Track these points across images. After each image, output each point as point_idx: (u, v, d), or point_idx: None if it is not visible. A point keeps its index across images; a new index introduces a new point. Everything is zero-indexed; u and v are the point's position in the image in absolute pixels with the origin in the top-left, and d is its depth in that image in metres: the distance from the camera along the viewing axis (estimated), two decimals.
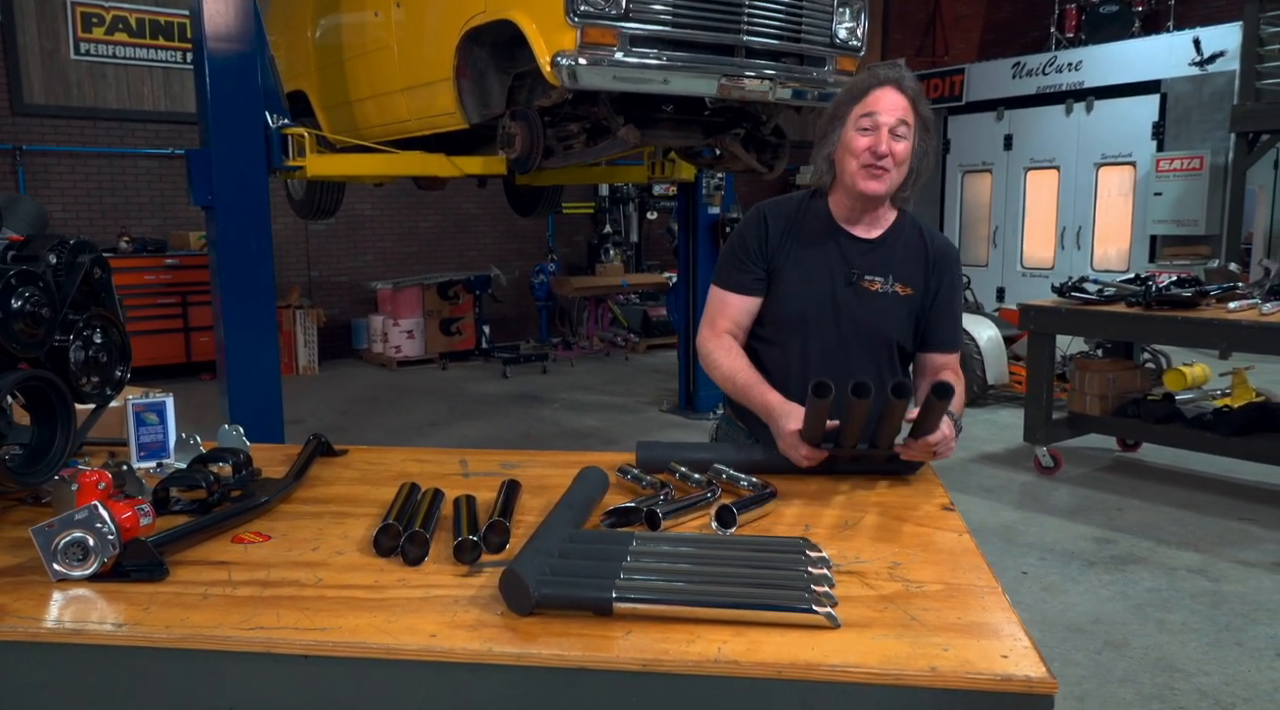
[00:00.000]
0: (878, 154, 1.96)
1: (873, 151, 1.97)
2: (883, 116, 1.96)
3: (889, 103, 1.97)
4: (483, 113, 4.78)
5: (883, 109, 1.97)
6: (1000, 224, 11.94)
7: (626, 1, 4.03)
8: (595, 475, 1.78)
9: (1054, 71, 11.18)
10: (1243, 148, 8.91)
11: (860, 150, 1.98)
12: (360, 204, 9.93)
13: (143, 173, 8.89)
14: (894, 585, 1.38)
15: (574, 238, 11.64)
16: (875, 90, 1.99)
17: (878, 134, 1.96)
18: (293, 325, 9.06)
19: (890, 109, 1.96)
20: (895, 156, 1.98)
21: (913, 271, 2.08)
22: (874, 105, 1.97)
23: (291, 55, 6.19)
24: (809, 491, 1.83)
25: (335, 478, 1.98)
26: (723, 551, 1.43)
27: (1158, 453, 5.69)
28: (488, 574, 1.43)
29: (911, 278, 2.08)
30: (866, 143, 1.97)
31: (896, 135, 1.97)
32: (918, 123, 2.00)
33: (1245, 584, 3.89)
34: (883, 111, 1.96)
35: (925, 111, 2.01)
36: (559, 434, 6.74)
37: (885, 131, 1.96)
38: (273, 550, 1.54)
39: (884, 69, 2.03)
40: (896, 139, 1.97)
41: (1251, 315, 4.53)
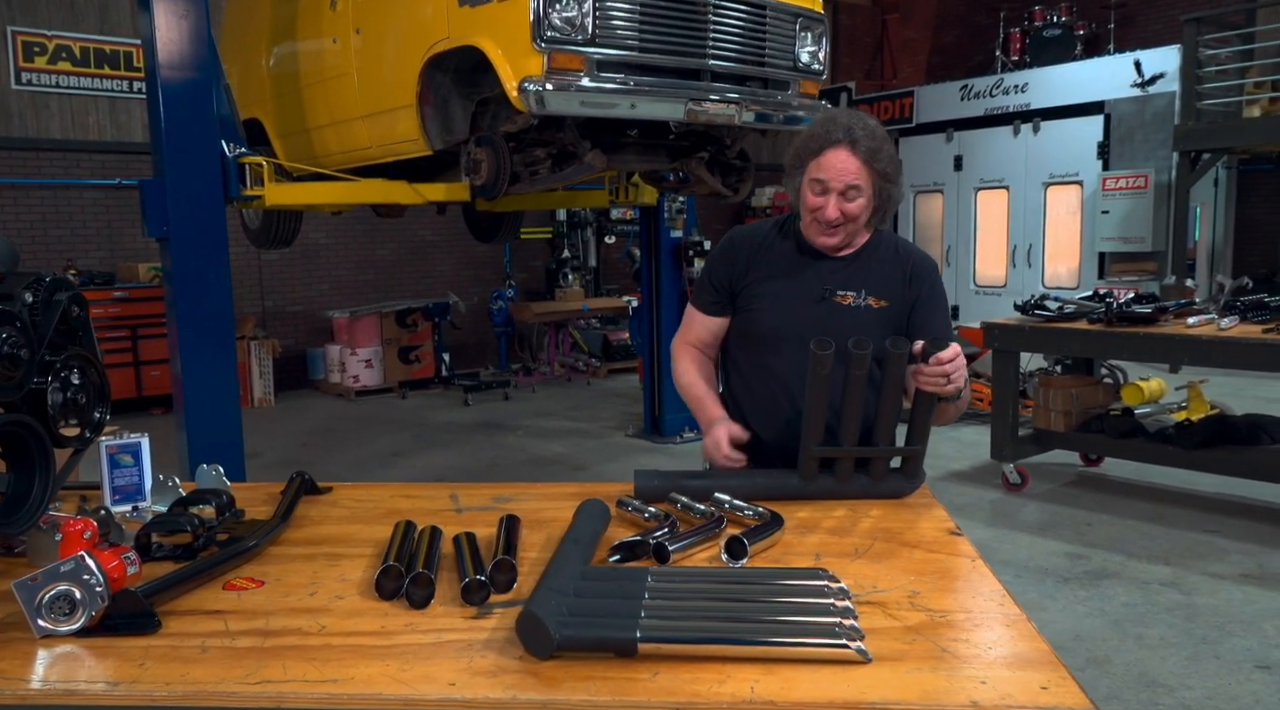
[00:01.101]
0: (826, 220, 2.02)
1: (821, 216, 2.02)
2: (833, 182, 2.01)
3: (839, 168, 2.00)
4: (446, 139, 4.73)
5: (832, 176, 2.00)
6: (953, 243, 12.14)
7: (593, 26, 4.02)
8: (597, 508, 1.74)
9: (1001, 93, 11.43)
10: (1185, 166, 9.16)
11: (812, 209, 2.04)
12: (315, 232, 9.78)
13: (89, 204, 8.67)
14: (918, 615, 1.36)
15: (532, 263, 11.58)
16: (828, 152, 2.01)
17: (827, 198, 2.01)
18: (247, 356, 8.87)
19: (840, 175, 2.00)
20: (846, 214, 2.02)
21: (887, 285, 2.10)
22: (825, 171, 2.01)
23: (245, 83, 6.08)
24: (813, 519, 1.81)
25: (323, 517, 1.91)
26: (742, 585, 1.39)
27: (1120, 466, 5.78)
28: (499, 615, 1.38)
29: (886, 290, 2.09)
30: (816, 204, 2.03)
31: (847, 197, 2.01)
32: (874, 179, 2.02)
33: (1217, 596, 3.94)
34: (832, 178, 2.00)
35: (881, 166, 2.02)
36: (526, 461, 6.65)
37: (834, 196, 2.01)
38: (268, 596, 1.47)
39: (840, 122, 2.02)
40: (847, 200, 2.01)
41: (1210, 330, 4.62)
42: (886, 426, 1.89)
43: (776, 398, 2.11)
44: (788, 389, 2.08)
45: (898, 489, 1.93)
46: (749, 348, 2.16)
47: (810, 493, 1.92)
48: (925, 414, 1.91)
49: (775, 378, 2.10)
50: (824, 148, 2.01)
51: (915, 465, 1.94)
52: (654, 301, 7.24)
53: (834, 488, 1.91)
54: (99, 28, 8.57)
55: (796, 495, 1.91)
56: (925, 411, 1.90)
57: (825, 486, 1.91)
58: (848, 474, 1.91)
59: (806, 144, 2.05)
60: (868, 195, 2.02)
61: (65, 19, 8.44)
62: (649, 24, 4.19)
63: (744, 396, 2.19)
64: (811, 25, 4.82)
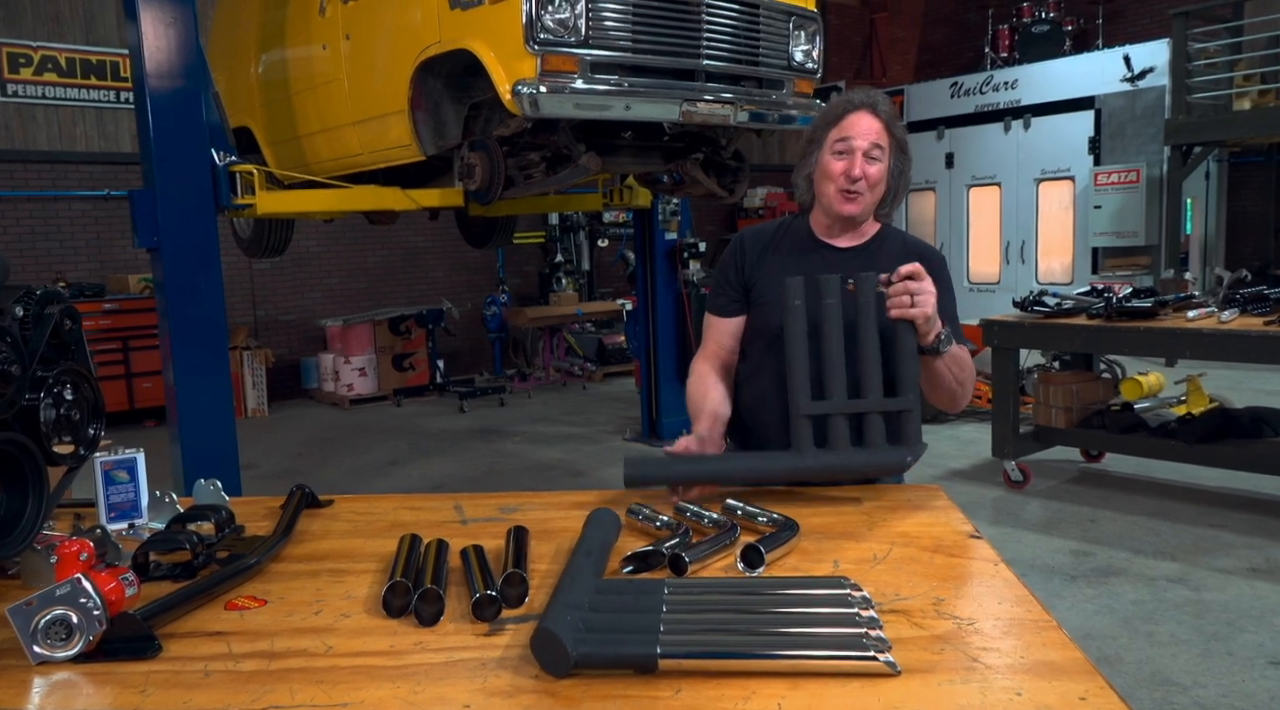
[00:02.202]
0: (852, 177, 2.03)
1: (847, 175, 2.03)
2: (857, 140, 2.03)
3: (863, 127, 2.03)
4: (439, 144, 4.68)
5: (857, 133, 2.03)
6: (946, 241, 12.12)
7: (586, 28, 3.98)
8: (607, 517, 1.69)
9: (991, 90, 11.44)
10: (1177, 160, 9.18)
11: (836, 174, 2.04)
12: (306, 241, 9.72)
13: (77, 215, 8.59)
14: (944, 624, 1.31)
15: (525, 268, 11.53)
16: (850, 114, 2.05)
17: (852, 158, 2.03)
18: (240, 367, 8.80)
19: (864, 133, 2.03)
20: (869, 179, 2.03)
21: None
22: (849, 129, 2.04)
23: (234, 91, 6.02)
24: (828, 524, 1.77)
25: (325, 531, 1.86)
26: (762, 596, 1.35)
27: (1121, 462, 5.75)
28: (511, 631, 1.33)
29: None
30: (842, 167, 2.04)
31: (870, 158, 2.03)
32: (892, 144, 2.07)
33: (1226, 592, 3.91)
34: (857, 135, 2.03)
35: (900, 133, 2.08)
36: (524, 468, 6.60)
37: (859, 155, 2.03)
38: (272, 616, 1.42)
39: (858, 94, 2.09)
40: (870, 162, 2.03)
41: (1211, 324, 4.60)
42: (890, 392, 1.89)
43: (784, 389, 2.07)
44: (777, 400, 2.05)
45: (897, 460, 1.91)
46: (758, 341, 2.16)
47: (804, 468, 1.90)
48: (909, 362, 1.89)
49: (772, 386, 2.07)
50: (846, 112, 2.05)
51: (910, 429, 1.89)
52: (649, 304, 7.20)
53: (830, 461, 1.88)
54: (85, 38, 8.51)
55: (790, 474, 1.92)
56: (909, 358, 1.89)
57: (821, 462, 1.88)
58: (842, 441, 1.87)
59: (825, 115, 2.10)
60: (885, 165, 2.05)
61: (50, 30, 8.37)
62: (642, 24, 4.16)
63: (751, 392, 2.17)
64: (805, 24, 4.79)
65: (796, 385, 1.89)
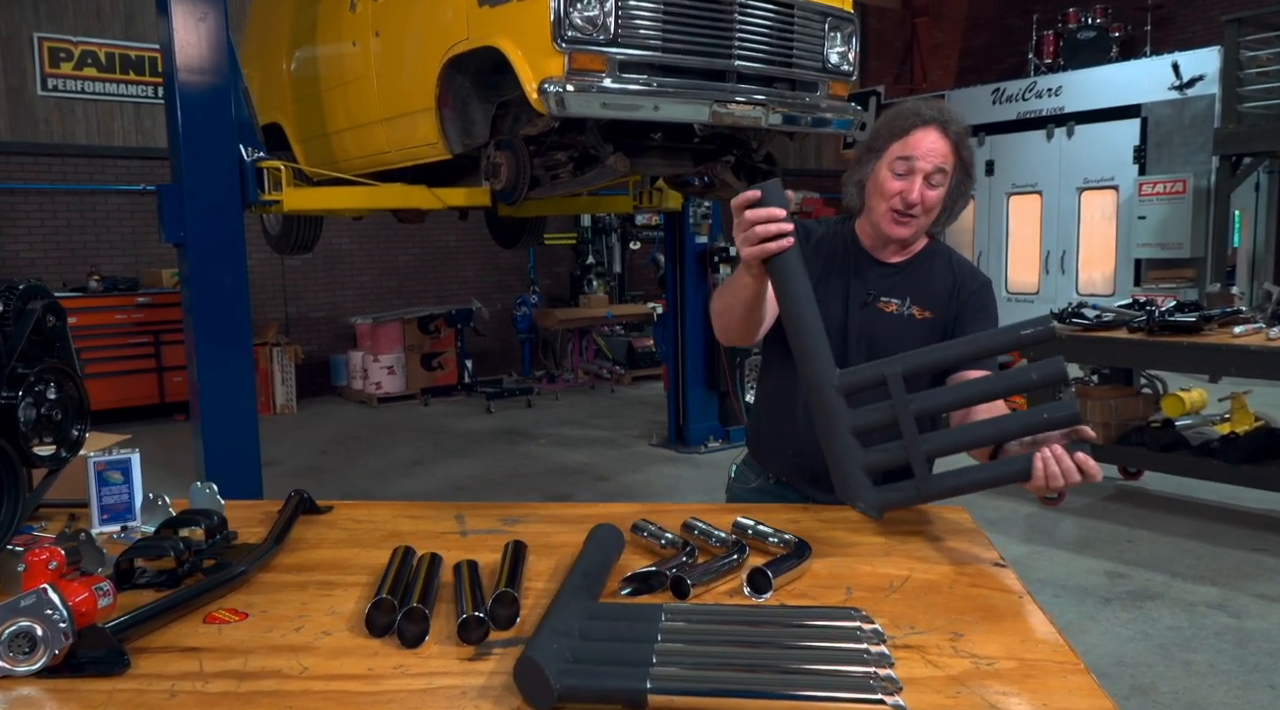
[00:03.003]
0: (908, 202, 1.86)
1: (904, 198, 1.87)
2: (920, 162, 1.85)
3: (929, 147, 1.85)
4: (466, 143, 4.64)
5: (921, 154, 1.85)
6: (984, 249, 11.92)
7: (615, 26, 3.91)
8: (609, 534, 1.61)
9: (1034, 97, 11.22)
10: (1226, 171, 8.92)
11: (891, 194, 1.88)
12: (338, 238, 9.75)
13: (113, 210, 8.68)
14: (961, 662, 1.22)
15: (556, 269, 11.50)
16: (917, 131, 1.86)
17: (912, 180, 1.86)
18: (269, 363, 8.84)
19: (929, 154, 1.85)
20: (925, 204, 1.88)
21: (934, 296, 1.97)
22: (914, 148, 1.86)
23: (266, 87, 6.04)
24: (843, 546, 1.67)
25: (320, 539, 1.79)
26: (766, 626, 1.26)
27: (1160, 481, 5.57)
28: (498, 657, 1.25)
29: (932, 302, 1.97)
30: (899, 187, 1.87)
31: (931, 183, 1.86)
32: (958, 166, 1.89)
33: (1269, 620, 3.75)
34: (921, 156, 1.85)
35: (967, 155, 1.90)
36: (548, 471, 6.54)
37: (920, 178, 1.86)
38: (251, 631, 1.36)
39: (930, 107, 1.89)
40: (931, 187, 1.87)
41: (1259, 340, 4.43)
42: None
43: (788, 410, 2.00)
44: (796, 411, 1.97)
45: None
46: (774, 349, 2.04)
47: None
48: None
49: (790, 387, 1.98)
50: (913, 127, 1.86)
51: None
52: (678, 308, 7.11)
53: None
54: (124, 33, 8.59)
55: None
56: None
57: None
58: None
59: (890, 125, 1.90)
60: (946, 187, 1.89)
61: (90, 25, 8.46)
62: (673, 23, 4.08)
63: (772, 403, 2.07)
64: (841, 25, 4.68)
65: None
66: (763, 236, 1.59)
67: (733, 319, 1.85)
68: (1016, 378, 1.60)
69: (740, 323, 1.84)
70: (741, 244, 1.62)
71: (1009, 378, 1.62)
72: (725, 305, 1.85)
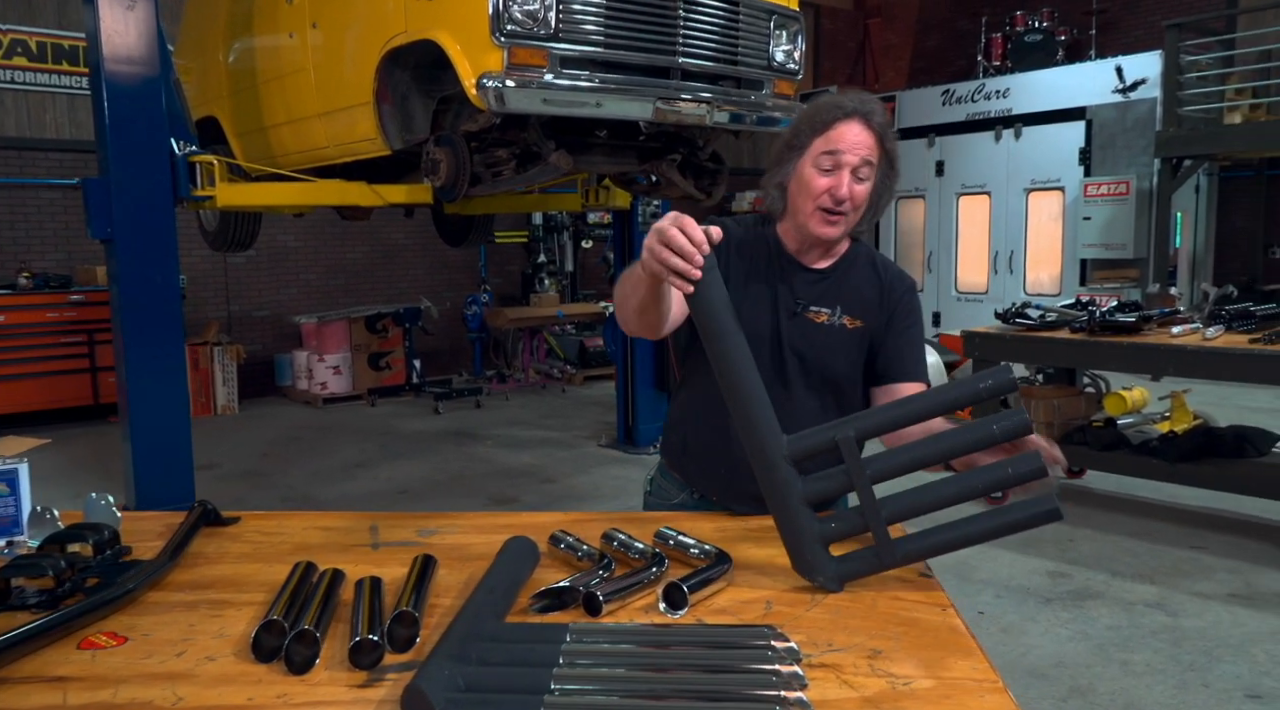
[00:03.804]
0: (837, 199, 1.78)
1: (832, 195, 1.78)
2: (847, 155, 1.77)
3: (854, 139, 1.77)
4: (406, 138, 4.53)
5: (847, 147, 1.77)
6: (935, 249, 12.02)
7: (556, 21, 3.83)
8: (523, 547, 1.54)
9: (982, 99, 11.32)
10: (1167, 173, 9.07)
11: (819, 192, 1.79)
12: (283, 235, 9.55)
13: (45, 204, 8.39)
14: (877, 682, 1.17)
15: (507, 268, 11.37)
16: (840, 123, 1.78)
17: (839, 175, 1.78)
18: (210, 363, 8.62)
19: (855, 147, 1.77)
20: (854, 200, 1.80)
21: (863, 303, 1.90)
22: (838, 142, 1.77)
23: (204, 80, 5.87)
24: (767, 555, 1.61)
25: (221, 554, 1.70)
26: (673, 648, 1.20)
27: (1103, 479, 5.63)
28: (392, 682, 1.18)
29: (861, 310, 1.90)
30: (826, 184, 1.78)
31: (859, 177, 1.79)
32: (883, 159, 1.82)
33: (1204, 618, 3.78)
34: (847, 149, 1.77)
35: (892, 146, 1.82)
36: (493, 473, 6.44)
37: (847, 172, 1.78)
38: (127, 657, 1.26)
39: (850, 98, 1.81)
40: (858, 181, 1.79)
41: (1195, 340, 4.48)
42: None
43: (716, 423, 1.87)
44: (725, 420, 1.86)
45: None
46: (697, 358, 1.88)
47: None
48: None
49: (719, 399, 1.85)
50: (836, 119, 1.77)
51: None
52: None
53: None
54: (57, 22, 8.31)
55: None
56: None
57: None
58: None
59: (811, 119, 1.80)
60: (872, 182, 1.81)
61: (21, 13, 8.18)
62: (616, 19, 4.01)
63: (700, 417, 1.95)
64: (787, 23, 4.65)
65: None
66: (666, 264, 1.45)
67: (629, 312, 1.74)
68: (964, 388, 1.51)
69: (637, 316, 1.72)
70: (645, 252, 1.50)
71: (957, 388, 1.52)
72: (623, 295, 1.74)
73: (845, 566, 1.48)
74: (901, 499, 1.45)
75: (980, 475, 1.46)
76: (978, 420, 1.44)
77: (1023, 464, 1.42)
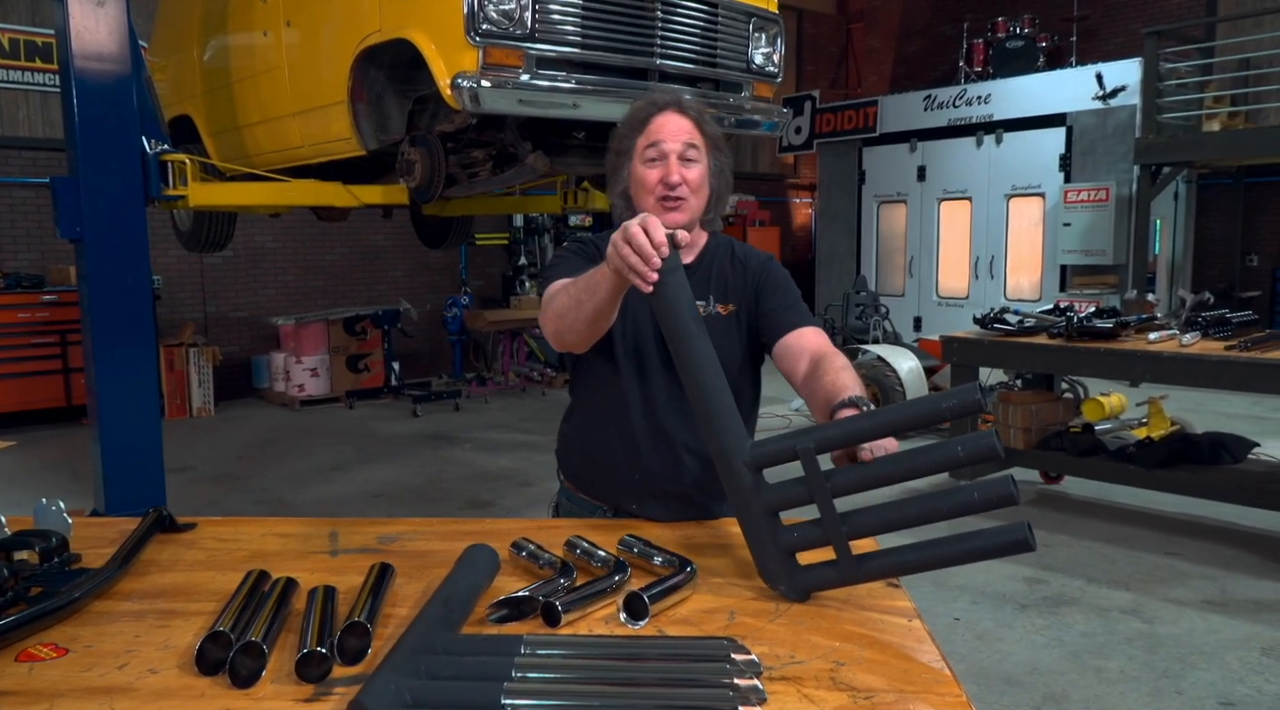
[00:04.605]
0: (670, 184, 1.80)
1: (665, 182, 1.80)
2: (668, 143, 1.80)
3: (672, 128, 1.81)
4: (381, 138, 4.49)
5: (667, 135, 1.80)
6: (916, 254, 12.04)
7: (532, 21, 3.80)
8: (482, 556, 1.51)
9: (964, 104, 11.36)
10: (1146, 180, 9.11)
11: (653, 183, 1.81)
12: (260, 236, 9.46)
13: (17, 203, 8.28)
14: (838, 696, 1.14)
15: (488, 270, 11.32)
16: (656, 117, 1.82)
17: (667, 163, 1.80)
18: (186, 364, 8.53)
19: (675, 134, 1.80)
20: (690, 183, 1.81)
21: (730, 287, 1.93)
22: (657, 133, 1.81)
23: (178, 78, 5.81)
24: (733, 564, 1.59)
25: (174, 561, 1.65)
26: (629, 662, 1.17)
27: (1080, 485, 5.63)
28: (339, 696, 1.14)
29: (730, 294, 1.93)
30: (657, 175, 1.81)
31: (686, 160, 1.81)
32: (706, 143, 1.84)
33: (1178, 625, 3.78)
34: (667, 138, 1.80)
35: (712, 130, 1.86)
36: (470, 476, 6.39)
37: (674, 159, 1.80)
38: (67, 670, 1.22)
39: (661, 93, 1.87)
40: (687, 165, 1.81)
41: (1172, 346, 4.49)
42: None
43: (641, 424, 1.88)
44: (654, 411, 1.87)
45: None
46: (605, 372, 1.90)
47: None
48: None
49: (638, 400, 1.88)
50: (650, 115, 1.83)
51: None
52: None
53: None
54: (30, 18, 8.21)
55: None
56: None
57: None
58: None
59: (629, 123, 1.85)
60: (704, 165, 1.83)
61: None
62: (593, 19, 3.98)
63: (602, 426, 1.94)
64: (766, 26, 4.64)
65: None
66: (626, 261, 1.44)
67: (578, 319, 1.67)
68: (928, 405, 1.43)
69: (588, 325, 1.67)
70: (610, 250, 1.48)
71: (920, 405, 1.44)
72: (572, 303, 1.68)
73: (809, 577, 1.45)
74: (867, 514, 1.42)
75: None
76: (944, 442, 1.40)
77: (991, 489, 1.38)
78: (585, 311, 1.65)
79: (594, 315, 1.65)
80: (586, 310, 1.65)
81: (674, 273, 1.48)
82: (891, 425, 1.45)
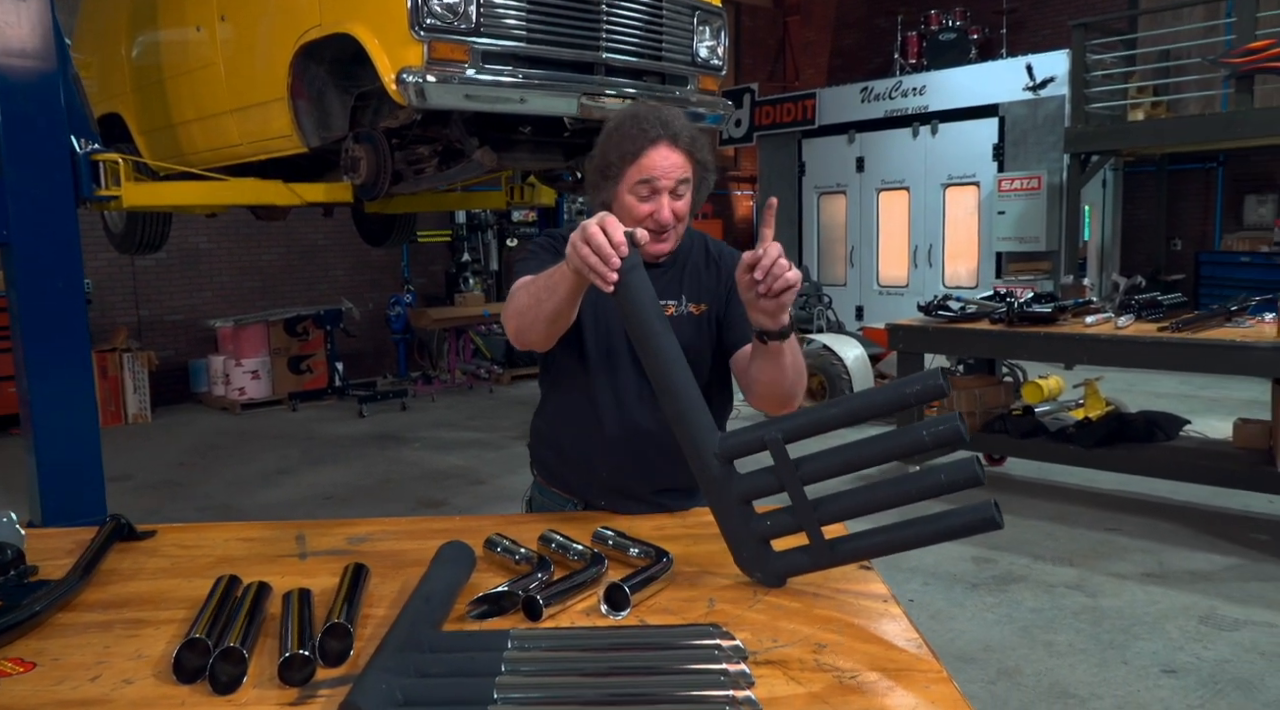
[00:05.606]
0: (661, 224, 1.79)
1: (655, 220, 1.78)
2: (661, 181, 1.77)
3: (667, 164, 1.76)
4: (323, 135, 4.41)
5: (660, 173, 1.76)
6: (856, 244, 12.22)
7: (477, 15, 3.77)
8: (458, 553, 1.50)
9: (900, 96, 11.55)
10: (1075, 168, 9.37)
11: (641, 218, 1.79)
12: (195, 236, 9.23)
13: None
14: (823, 677, 1.16)
15: (431, 267, 11.20)
16: (650, 150, 1.76)
17: (658, 201, 1.78)
18: (120, 370, 8.29)
19: (669, 172, 1.76)
20: (678, 215, 1.81)
21: (704, 287, 1.93)
22: (650, 169, 1.76)
23: (105, 75, 5.63)
24: (706, 552, 1.60)
25: (136, 570, 1.62)
26: (619, 651, 1.17)
27: (1022, 466, 5.78)
28: (324, 699, 1.13)
29: (703, 294, 1.92)
30: (647, 210, 1.78)
31: (677, 195, 1.80)
32: (696, 170, 1.82)
33: (1120, 597, 3.91)
34: (660, 176, 1.76)
35: (701, 156, 1.82)
36: (421, 476, 6.33)
37: (665, 197, 1.78)
38: (36, 684, 1.19)
39: (651, 120, 1.78)
40: (677, 198, 1.80)
41: (1108, 329, 4.63)
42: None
43: (612, 424, 1.87)
44: (624, 409, 1.86)
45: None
46: (576, 371, 1.90)
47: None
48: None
49: (610, 400, 1.87)
50: (643, 148, 1.76)
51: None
52: None
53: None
54: None
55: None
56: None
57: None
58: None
59: (620, 148, 1.78)
60: (690, 193, 1.83)
61: None
62: (538, 13, 3.97)
63: (569, 422, 1.94)
64: (710, 19, 4.66)
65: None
66: (585, 261, 1.45)
67: (538, 318, 1.66)
68: (891, 393, 1.45)
69: (548, 324, 1.66)
70: (569, 249, 1.48)
71: (885, 392, 1.46)
72: (532, 301, 1.67)
73: (784, 563, 1.47)
74: (838, 499, 1.45)
75: (914, 482, 1.45)
76: (909, 427, 1.43)
77: (957, 471, 1.42)
78: (545, 310, 1.64)
79: (554, 314, 1.64)
80: (546, 309, 1.64)
81: (634, 271, 1.48)
82: (857, 413, 1.48)
